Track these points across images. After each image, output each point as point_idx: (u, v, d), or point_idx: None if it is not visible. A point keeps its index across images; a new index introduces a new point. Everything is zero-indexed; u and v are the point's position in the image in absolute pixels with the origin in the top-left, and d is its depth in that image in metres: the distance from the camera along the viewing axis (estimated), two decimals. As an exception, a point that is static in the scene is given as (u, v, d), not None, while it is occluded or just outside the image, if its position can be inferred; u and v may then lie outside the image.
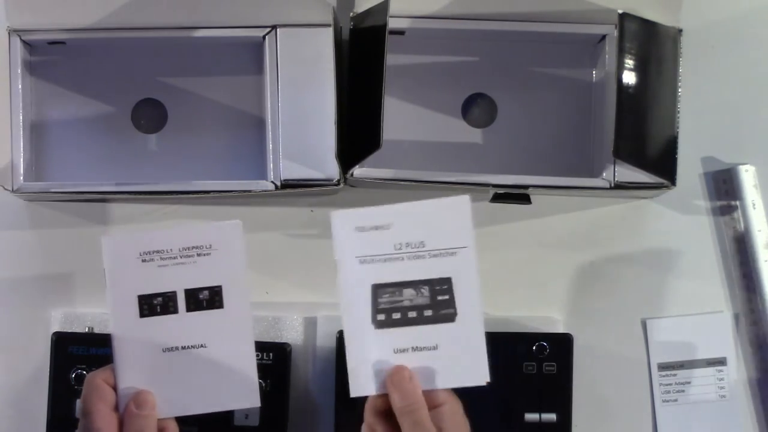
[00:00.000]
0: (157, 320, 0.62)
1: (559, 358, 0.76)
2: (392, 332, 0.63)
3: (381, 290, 0.63)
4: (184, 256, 0.62)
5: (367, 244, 0.63)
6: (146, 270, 0.62)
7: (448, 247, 0.63)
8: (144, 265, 0.62)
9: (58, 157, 0.78)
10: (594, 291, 0.81)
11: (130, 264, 0.62)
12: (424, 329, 0.63)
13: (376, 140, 0.70)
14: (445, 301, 0.63)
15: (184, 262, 0.62)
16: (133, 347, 0.62)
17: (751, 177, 0.81)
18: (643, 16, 0.74)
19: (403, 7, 0.75)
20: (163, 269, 0.62)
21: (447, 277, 0.63)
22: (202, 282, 0.62)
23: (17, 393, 0.79)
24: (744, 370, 0.80)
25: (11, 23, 0.74)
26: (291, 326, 0.79)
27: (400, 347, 0.63)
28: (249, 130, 0.78)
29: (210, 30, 0.75)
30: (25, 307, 0.79)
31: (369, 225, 0.63)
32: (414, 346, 0.63)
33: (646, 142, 0.74)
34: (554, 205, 0.81)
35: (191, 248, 0.62)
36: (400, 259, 0.63)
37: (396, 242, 0.63)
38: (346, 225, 0.63)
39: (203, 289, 0.62)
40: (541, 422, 0.76)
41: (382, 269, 0.63)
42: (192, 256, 0.62)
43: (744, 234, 0.80)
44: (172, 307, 0.62)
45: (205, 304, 0.62)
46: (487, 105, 0.81)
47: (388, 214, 0.63)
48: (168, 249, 0.62)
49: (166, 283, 0.62)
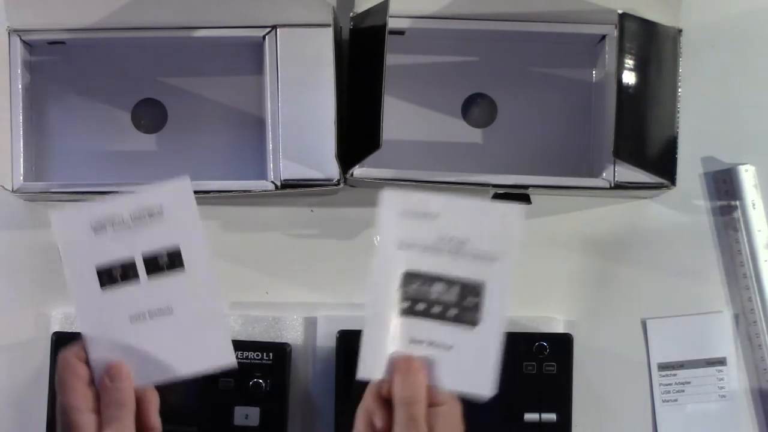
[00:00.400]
0: (119, 290, 0.61)
1: (559, 358, 0.76)
2: (412, 322, 0.62)
3: (412, 279, 0.62)
4: (136, 220, 0.61)
5: (410, 230, 0.61)
6: (100, 240, 0.60)
7: (490, 250, 0.62)
8: (97, 235, 0.60)
9: (58, 157, 0.78)
10: (594, 291, 0.81)
11: (83, 236, 0.60)
12: (444, 327, 0.62)
13: (376, 140, 0.70)
14: (473, 304, 0.62)
15: (137, 225, 0.61)
16: (99, 319, 0.60)
17: (751, 177, 0.81)
18: (643, 16, 0.74)
19: (403, 7, 0.75)
20: (118, 236, 0.61)
21: (481, 281, 0.62)
22: (158, 245, 0.61)
23: (17, 393, 0.79)
24: (744, 370, 0.80)
25: (11, 23, 0.74)
26: (291, 326, 0.79)
27: (417, 338, 0.62)
28: (249, 130, 0.78)
29: (210, 30, 0.75)
30: (25, 307, 0.79)
31: (418, 211, 0.61)
32: (430, 340, 0.62)
33: (646, 142, 0.74)
34: (554, 205, 0.81)
35: (142, 212, 0.61)
36: (439, 252, 0.62)
37: (440, 234, 0.62)
38: (395, 206, 0.61)
39: (161, 252, 0.61)
40: (541, 422, 0.76)
41: (419, 258, 0.62)
42: (143, 218, 0.61)
43: (744, 234, 0.80)
44: (132, 274, 0.61)
45: (165, 267, 0.61)
46: (487, 105, 0.81)
47: (440, 204, 0.62)
48: (118, 216, 0.60)
49: (122, 251, 0.61)
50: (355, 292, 0.80)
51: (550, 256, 0.81)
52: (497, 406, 0.76)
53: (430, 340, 0.62)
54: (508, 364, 0.76)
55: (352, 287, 0.80)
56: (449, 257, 0.62)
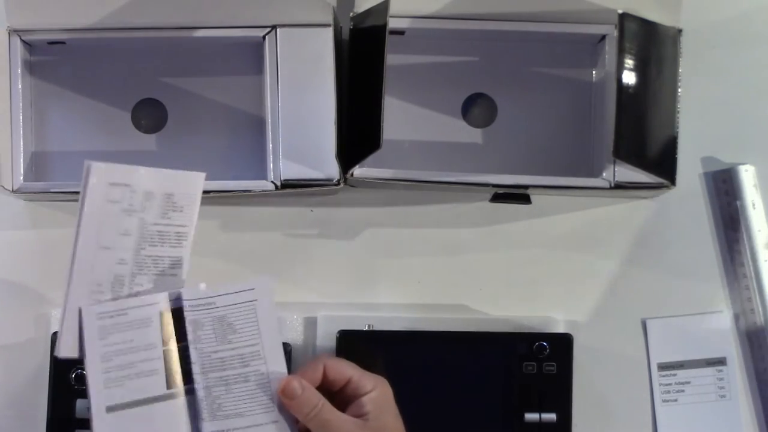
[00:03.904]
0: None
1: (559, 358, 0.76)
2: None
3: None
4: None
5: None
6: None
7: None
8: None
9: (58, 158, 0.78)
10: (594, 291, 0.81)
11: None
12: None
13: (376, 140, 0.70)
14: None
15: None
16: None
17: (751, 177, 0.81)
18: (643, 16, 0.74)
19: (403, 7, 0.75)
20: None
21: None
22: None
23: (17, 393, 0.79)
24: (744, 370, 0.80)
25: (11, 23, 0.74)
26: (291, 326, 0.79)
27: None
28: (249, 130, 0.79)
29: (210, 30, 0.75)
30: (25, 307, 0.79)
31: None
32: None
33: (646, 142, 0.74)
34: (554, 205, 0.81)
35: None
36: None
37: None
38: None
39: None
40: (541, 422, 0.76)
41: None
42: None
43: (744, 234, 0.80)
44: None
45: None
46: (487, 105, 0.81)
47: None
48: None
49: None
50: (355, 292, 0.80)
51: (550, 256, 0.81)
52: (497, 406, 0.76)
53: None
54: (508, 364, 0.76)
55: (352, 287, 0.80)
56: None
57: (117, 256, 0.63)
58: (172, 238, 0.64)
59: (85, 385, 0.61)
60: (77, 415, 0.74)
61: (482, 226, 0.81)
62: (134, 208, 0.63)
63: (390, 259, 0.80)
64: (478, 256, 0.81)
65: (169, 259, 0.64)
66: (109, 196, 0.62)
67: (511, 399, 0.76)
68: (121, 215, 0.63)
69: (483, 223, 0.81)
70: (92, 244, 0.62)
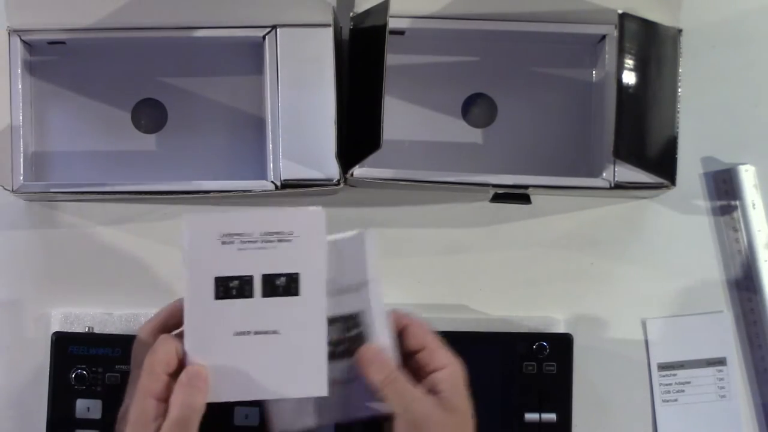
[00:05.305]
0: (232, 303, 0.61)
1: (559, 358, 0.76)
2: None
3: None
4: (265, 240, 0.61)
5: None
6: (226, 252, 0.61)
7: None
8: (224, 246, 0.61)
9: (58, 157, 0.78)
10: (594, 291, 0.81)
11: (209, 245, 0.61)
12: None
13: (376, 140, 0.70)
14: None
15: (265, 246, 0.61)
16: (205, 327, 0.61)
17: (751, 177, 0.81)
18: (643, 16, 0.74)
19: (403, 7, 0.75)
20: (243, 252, 0.61)
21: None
22: (280, 268, 0.61)
23: (17, 393, 0.79)
24: (744, 370, 0.80)
25: (11, 23, 0.74)
26: (291, 326, 0.79)
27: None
28: (249, 130, 0.79)
29: (210, 30, 0.75)
30: (25, 307, 0.79)
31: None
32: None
33: (646, 142, 0.74)
34: (554, 205, 0.81)
35: (273, 233, 0.61)
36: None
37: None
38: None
39: (281, 275, 0.61)
40: (541, 422, 0.76)
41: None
42: (273, 241, 0.61)
43: (744, 234, 0.80)
44: (248, 291, 0.61)
45: (281, 291, 0.61)
46: (487, 105, 0.81)
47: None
48: (249, 232, 0.61)
49: (244, 267, 0.61)
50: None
51: (550, 256, 0.81)
52: (497, 406, 0.76)
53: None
54: (508, 364, 0.76)
55: (352, 287, 0.80)
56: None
57: None
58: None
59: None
60: (77, 415, 0.74)
61: (482, 226, 0.81)
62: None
63: (390, 259, 0.80)
64: (478, 256, 0.81)
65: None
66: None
67: (511, 399, 0.76)
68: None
69: (483, 223, 0.81)
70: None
